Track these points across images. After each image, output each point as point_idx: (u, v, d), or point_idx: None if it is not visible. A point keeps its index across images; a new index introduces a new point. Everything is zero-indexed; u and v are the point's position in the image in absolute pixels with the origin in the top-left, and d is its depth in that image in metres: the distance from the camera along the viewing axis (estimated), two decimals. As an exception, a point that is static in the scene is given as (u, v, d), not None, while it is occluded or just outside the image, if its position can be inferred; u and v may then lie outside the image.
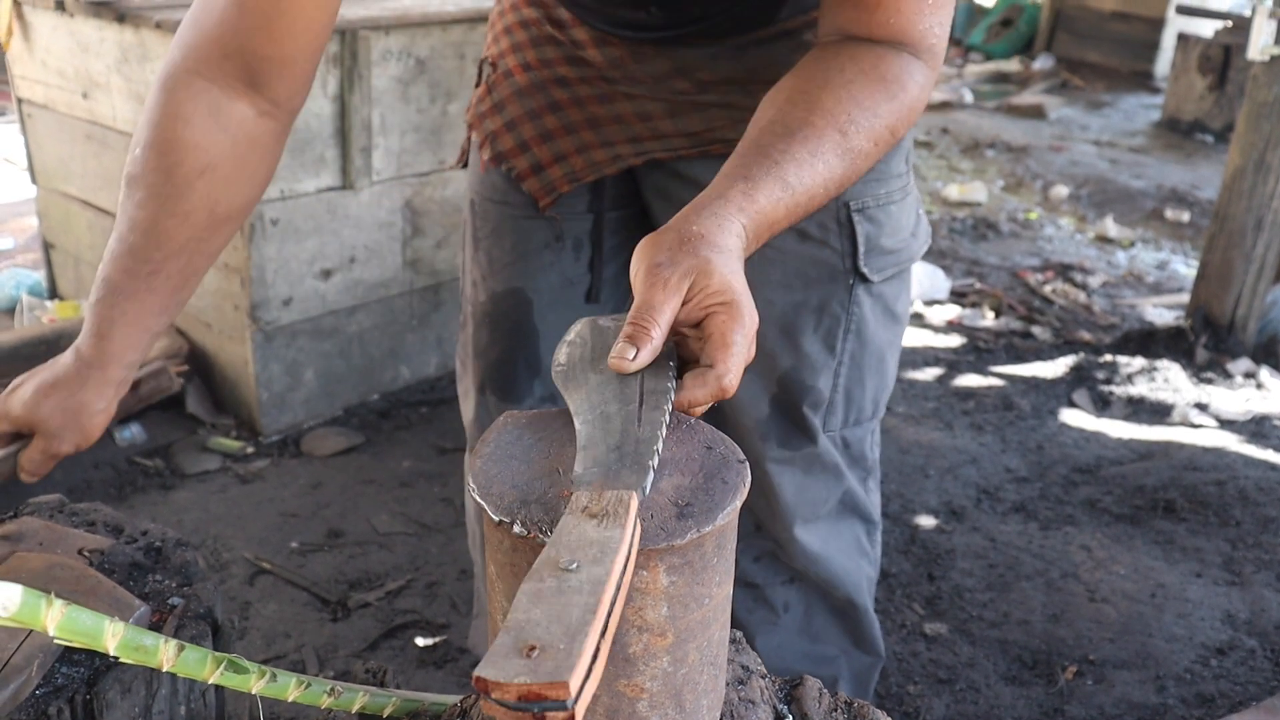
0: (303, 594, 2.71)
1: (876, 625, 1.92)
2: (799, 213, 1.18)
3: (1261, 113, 4.02)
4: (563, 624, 0.70)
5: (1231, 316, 4.27)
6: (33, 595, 0.81)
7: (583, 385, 1.00)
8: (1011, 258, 5.59)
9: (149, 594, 1.46)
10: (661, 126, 1.58)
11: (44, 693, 1.27)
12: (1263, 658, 2.62)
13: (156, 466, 3.19)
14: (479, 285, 1.78)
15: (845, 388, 1.68)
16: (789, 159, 1.15)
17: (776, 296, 1.63)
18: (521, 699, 0.66)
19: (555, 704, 0.66)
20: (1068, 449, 3.62)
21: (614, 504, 0.82)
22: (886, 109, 1.22)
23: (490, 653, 0.68)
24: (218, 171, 1.35)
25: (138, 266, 1.35)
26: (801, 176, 1.15)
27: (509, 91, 1.65)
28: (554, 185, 1.65)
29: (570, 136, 1.63)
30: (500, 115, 1.67)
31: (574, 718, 0.66)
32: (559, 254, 1.73)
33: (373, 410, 3.64)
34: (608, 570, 0.74)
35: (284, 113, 1.39)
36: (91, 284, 1.30)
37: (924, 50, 1.27)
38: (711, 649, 0.94)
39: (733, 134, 1.56)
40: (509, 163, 1.67)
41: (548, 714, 0.66)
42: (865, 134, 1.20)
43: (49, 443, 1.38)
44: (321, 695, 1.09)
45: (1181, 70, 8.12)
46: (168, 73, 1.34)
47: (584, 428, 0.93)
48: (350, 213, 3.36)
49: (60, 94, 3.64)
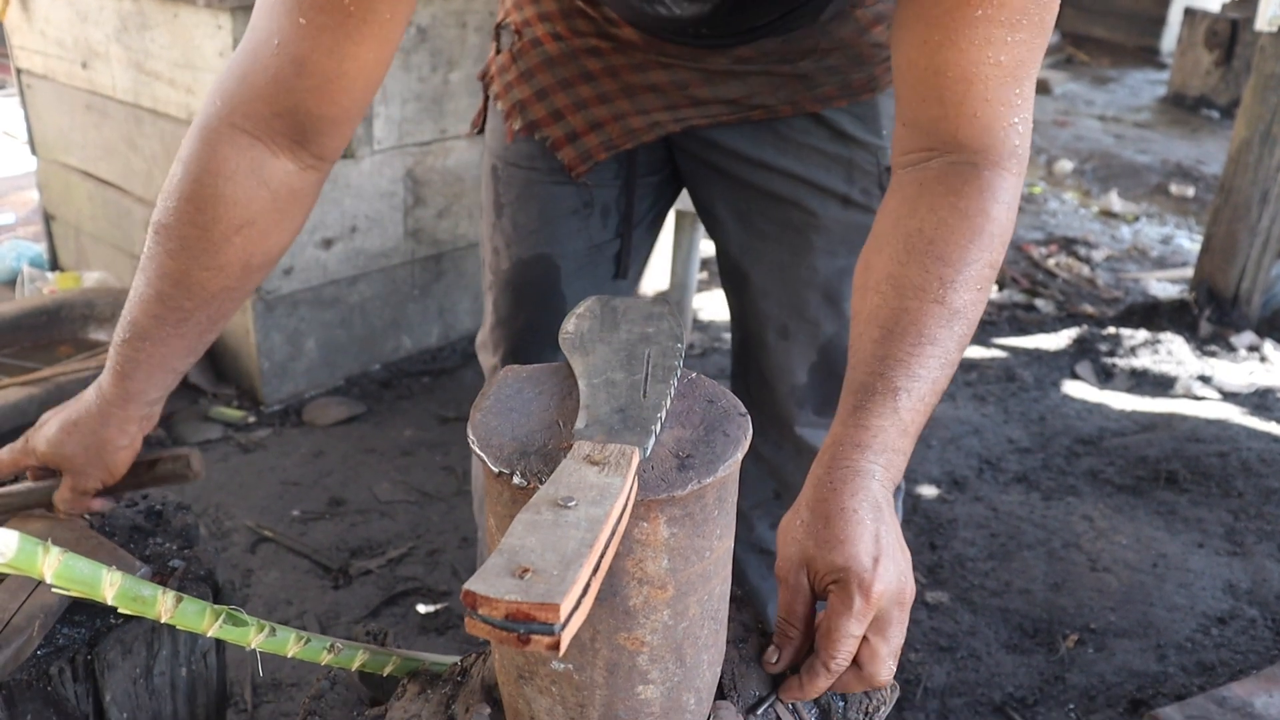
0: (304, 562, 2.71)
1: None
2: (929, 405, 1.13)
3: (1268, 85, 4.00)
4: (558, 553, 0.70)
5: (1235, 289, 4.25)
6: (30, 542, 0.80)
7: (590, 353, 1.00)
8: (1015, 231, 5.56)
9: (150, 556, 1.45)
10: (699, 94, 1.56)
11: (45, 653, 1.27)
12: (1263, 627, 2.62)
13: (158, 436, 3.19)
14: (502, 252, 1.74)
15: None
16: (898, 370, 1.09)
17: (821, 264, 1.61)
18: (509, 617, 0.65)
19: (542, 626, 0.65)
20: (1070, 420, 3.61)
21: (616, 455, 0.82)
22: (977, 250, 1.14)
23: (482, 570, 0.68)
24: (256, 226, 1.29)
25: (167, 314, 1.31)
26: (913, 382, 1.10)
27: (538, 60, 1.62)
28: (590, 153, 1.62)
29: (605, 105, 1.59)
30: (529, 84, 1.63)
31: (558, 645, 0.66)
32: (586, 220, 1.70)
33: (374, 380, 3.63)
34: (606, 512, 0.74)
35: (327, 164, 1.33)
36: (91, 255, 1.29)
37: (1007, 154, 1.16)
38: (712, 603, 0.94)
39: (772, 99, 1.54)
40: (542, 131, 1.63)
41: (533, 636, 0.66)
42: (964, 287, 1.12)
43: (76, 480, 1.36)
44: (321, 652, 1.08)
45: (1188, 45, 8.08)
46: (208, 124, 1.25)
47: (588, 390, 0.93)
48: (351, 182, 3.35)
49: (59, 64, 3.63)
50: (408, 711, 1.08)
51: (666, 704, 0.93)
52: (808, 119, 1.56)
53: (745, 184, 1.61)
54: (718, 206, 1.68)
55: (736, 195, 1.64)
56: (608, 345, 1.00)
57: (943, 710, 2.35)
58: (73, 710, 1.29)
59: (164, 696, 1.42)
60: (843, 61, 1.51)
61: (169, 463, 1.45)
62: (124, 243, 3.67)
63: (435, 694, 1.10)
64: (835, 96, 1.54)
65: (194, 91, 3.11)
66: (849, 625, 0.97)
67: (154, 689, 1.40)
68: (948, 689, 2.40)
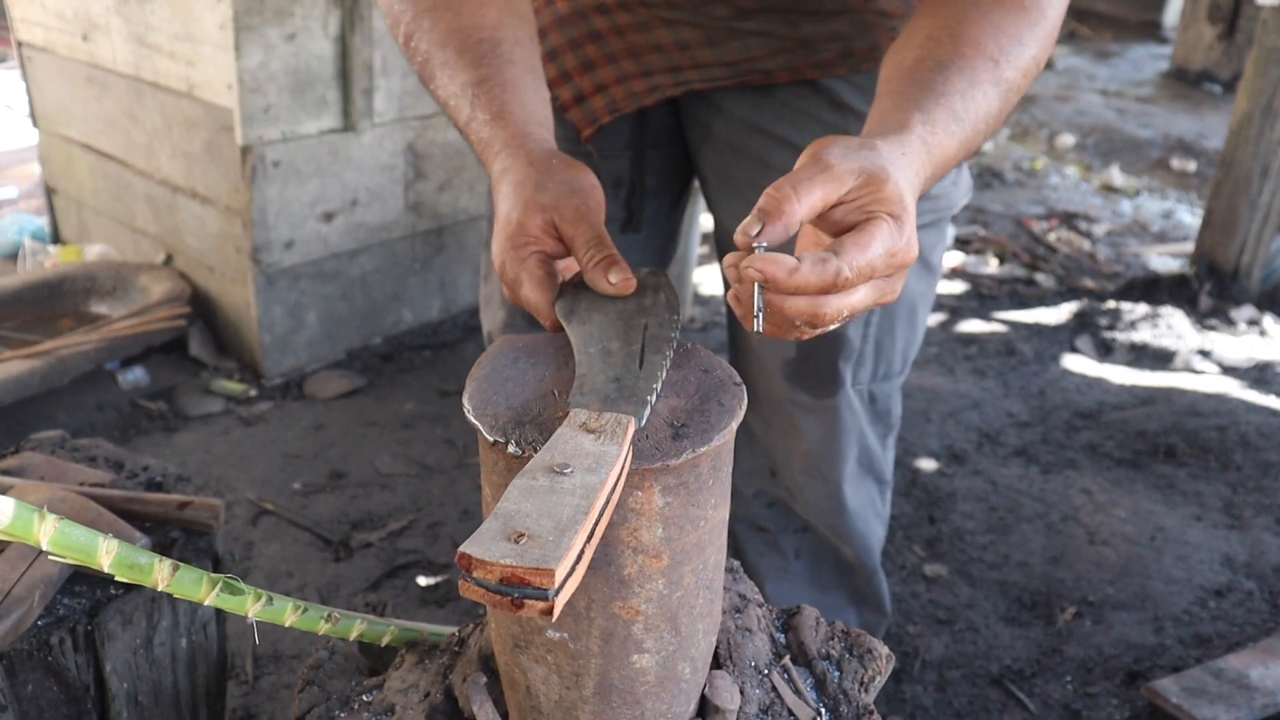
0: (305, 534, 2.72)
1: (884, 585, 1.91)
2: (969, 149, 1.08)
3: (1270, 58, 3.99)
4: (553, 519, 0.71)
5: (1236, 263, 4.25)
6: (26, 509, 0.81)
7: (586, 322, 0.99)
8: (1016, 206, 5.57)
9: (150, 528, 1.46)
10: (700, 55, 1.55)
11: (46, 623, 1.28)
12: (1260, 599, 2.63)
13: (159, 409, 3.19)
14: None
15: (876, 338, 1.64)
16: (952, 90, 1.05)
17: None
18: (504, 581, 0.66)
19: (537, 591, 0.66)
20: (1069, 394, 3.62)
21: (612, 424, 0.83)
22: (1030, 37, 1.12)
23: (477, 534, 0.68)
24: None
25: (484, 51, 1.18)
26: (969, 106, 1.05)
27: (550, 19, 1.61)
28: (596, 115, 1.61)
29: (611, 66, 1.59)
30: (543, 44, 1.62)
31: (552, 610, 0.67)
32: None
33: (375, 353, 3.64)
34: (601, 479, 0.75)
35: None
36: (93, 228, 1.26)
37: None
38: (707, 573, 0.94)
39: (771, 64, 1.53)
40: (551, 92, 1.64)
41: (526, 601, 0.67)
42: (1014, 66, 1.10)
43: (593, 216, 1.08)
44: (319, 621, 1.09)
45: (1190, 19, 8.05)
46: None
47: (584, 359, 0.93)
48: (352, 155, 3.35)
49: (60, 36, 3.62)
50: (405, 681, 1.09)
51: (661, 673, 0.94)
52: (806, 86, 1.55)
53: (742, 151, 1.61)
54: (713, 176, 1.67)
55: (733, 164, 1.63)
56: (604, 315, 1.00)
57: (940, 682, 2.36)
58: (73, 680, 1.30)
59: (164, 667, 1.43)
60: (846, 28, 1.50)
61: (200, 509, 1.46)
62: (125, 216, 3.67)
63: (433, 664, 1.11)
64: (835, 64, 1.53)
65: (194, 64, 3.10)
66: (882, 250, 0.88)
67: (154, 659, 1.41)
68: (945, 661, 2.41)
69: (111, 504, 1.42)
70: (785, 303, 0.87)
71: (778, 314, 0.88)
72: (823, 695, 1.08)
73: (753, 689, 1.04)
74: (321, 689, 1.13)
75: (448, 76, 1.19)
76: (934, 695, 2.32)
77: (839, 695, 1.08)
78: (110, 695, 1.35)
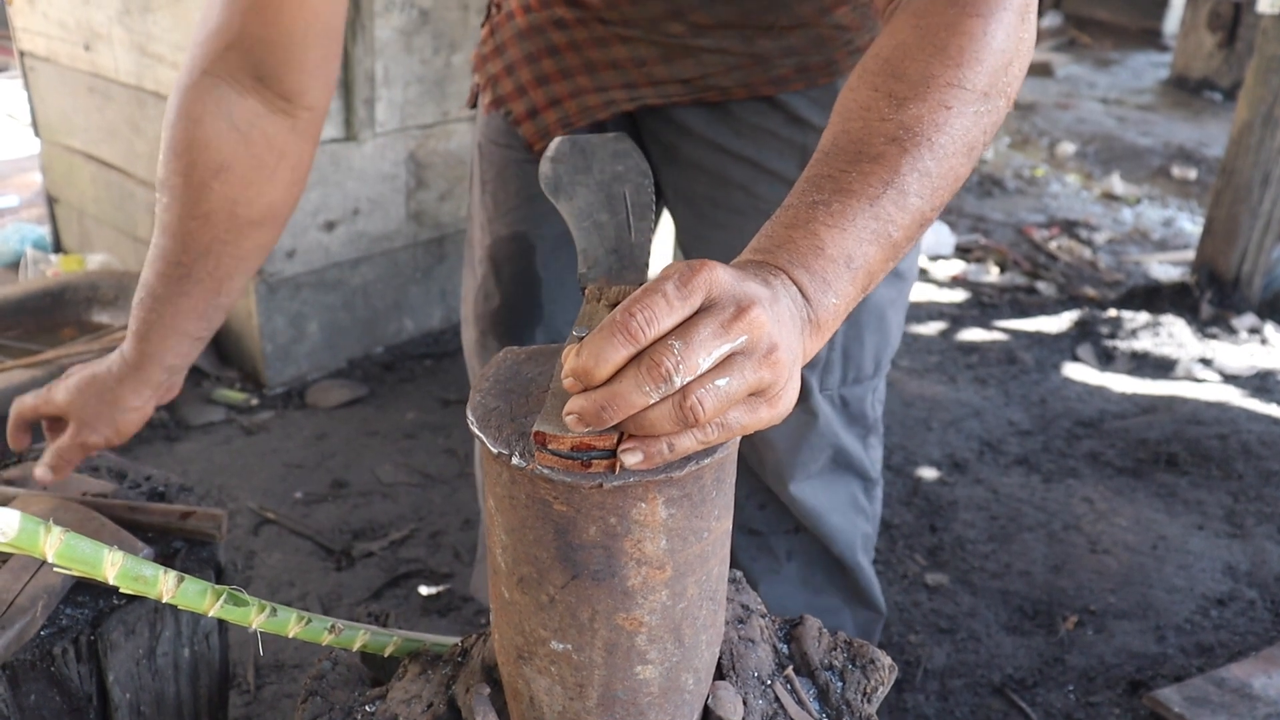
0: (307, 544, 2.72)
1: (875, 582, 1.91)
2: (869, 230, 0.91)
3: (1270, 67, 3.99)
4: None
5: (1237, 272, 4.25)
6: (32, 521, 0.81)
7: (573, 196, 1.06)
8: (1017, 214, 5.57)
9: (153, 538, 1.46)
10: (656, 72, 1.56)
11: (49, 633, 1.28)
12: (1263, 608, 2.63)
13: (161, 418, 3.20)
14: (485, 229, 1.76)
15: (843, 345, 1.65)
16: (824, 186, 0.93)
17: None
18: (575, 449, 0.78)
19: (602, 453, 0.79)
20: (1071, 402, 3.62)
21: (621, 295, 0.91)
22: (940, 65, 0.97)
23: (543, 413, 0.80)
24: (234, 171, 1.34)
25: (170, 270, 1.37)
26: (843, 198, 0.91)
27: (510, 34, 1.64)
28: (548, 130, 1.63)
29: (565, 81, 1.61)
30: (501, 58, 1.66)
31: (614, 466, 0.79)
32: None
33: (376, 362, 3.64)
34: None
35: (299, 110, 1.36)
36: (94, 237, 1.31)
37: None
38: (710, 584, 0.94)
39: (726, 81, 1.54)
40: (507, 106, 1.66)
41: (593, 461, 0.79)
42: (918, 102, 0.96)
43: (79, 430, 1.40)
44: (322, 632, 1.09)
45: (1190, 28, 8.06)
46: (182, 75, 1.33)
47: (580, 234, 1.01)
48: (354, 164, 3.35)
49: (62, 46, 3.62)
50: (408, 692, 1.09)
51: (665, 684, 0.94)
52: (762, 102, 1.55)
53: (699, 168, 1.62)
54: (672, 192, 1.69)
55: (690, 180, 1.64)
56: (586, 187, 1.06)
57: (942, 691, 2.36)
58: (76, 690, 1.30)
59: (167, 677, 1.43)
60: (802, 42, 1.50)
61: (202, 520, 1.47)
62: (127, 225, 3.67)
63: (436, 674, 1.11)
64: (791, 79, 1.52)
65: (195, 74, 3.10)
66: (712, 326, 0.77)
67: (157, 669, 1.41)
68: (947, 670, 2.41)
69: (114, 514, 1.42)
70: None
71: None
72: (826, 706, 1.08)
73: (756, 700, 1.04)
74: (324, 699, 1.13)
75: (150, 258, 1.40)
76: (936, 704, 2.32)
77: (842, 706, 1.08)
78: (113, 705, 1.35)
